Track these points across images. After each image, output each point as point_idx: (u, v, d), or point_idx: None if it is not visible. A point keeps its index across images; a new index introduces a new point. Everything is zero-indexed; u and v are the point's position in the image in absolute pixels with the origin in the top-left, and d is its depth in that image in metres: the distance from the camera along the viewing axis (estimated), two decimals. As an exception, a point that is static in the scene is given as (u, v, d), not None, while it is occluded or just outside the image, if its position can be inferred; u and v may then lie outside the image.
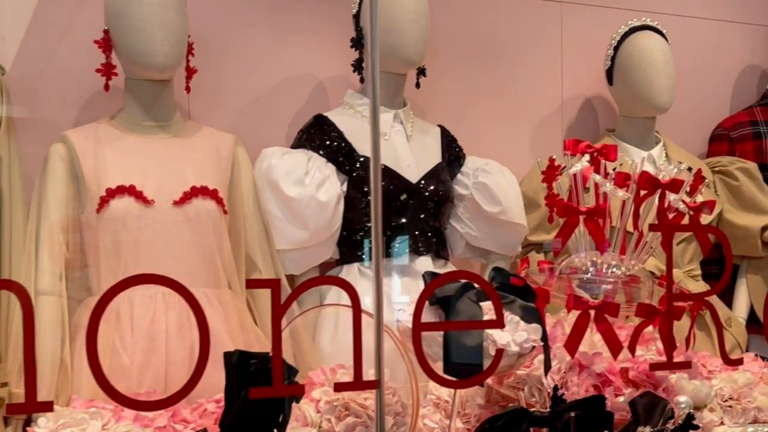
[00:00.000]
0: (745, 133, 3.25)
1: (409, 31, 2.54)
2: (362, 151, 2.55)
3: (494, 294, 1.42)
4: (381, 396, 1.20)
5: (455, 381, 1.42)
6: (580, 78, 3.20)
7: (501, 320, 1.42)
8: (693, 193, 2.19)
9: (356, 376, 1.22)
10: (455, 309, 1.88)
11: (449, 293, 1.89)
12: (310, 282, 1.32)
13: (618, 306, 2.00)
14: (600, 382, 2.04)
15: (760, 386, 2.52)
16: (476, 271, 2.81)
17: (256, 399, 1.63)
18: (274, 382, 1.20)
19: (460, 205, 2.74)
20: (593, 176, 2.04)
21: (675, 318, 2.10)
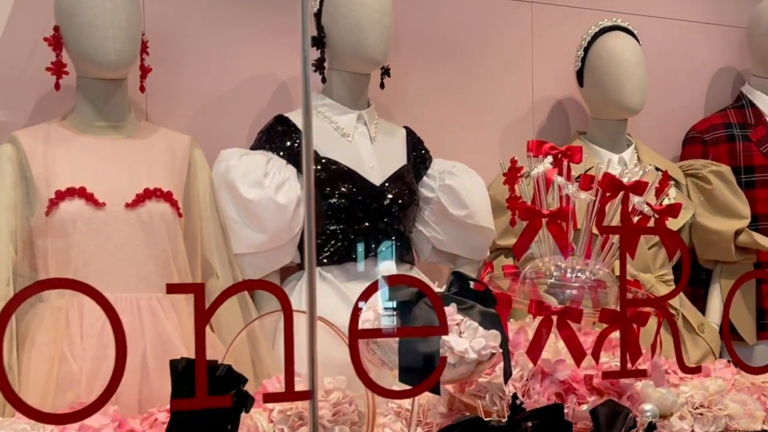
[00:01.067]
0: (718, 136, 3.20)
1: (371, 30, 2.48)
2: (324, 152, 2.49)
3: (437, 300, 1.35)
4: (314, 408, 1.13)
5: (390, 390, 1.34)
6: (551, 79, 3.15)
7: (445, 327, 1.35)
8: (659, 196, 2.13)
9: (287, 386, 1.16)
10: (411, 315, 1.83)
11: (405, 298, 1.83)
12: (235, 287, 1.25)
13: (581, 312, 1.94)
14: (563, 389, 1.98)
15: (732, 393, 2.47)
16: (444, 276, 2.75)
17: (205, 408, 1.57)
18: (198, 393, 1.12)
19: (426, 208, 2.68)
20: (555, 178, 1.98)
21: (640, 324, 2.05)
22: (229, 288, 1.19)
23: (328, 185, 2.46)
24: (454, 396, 2.09)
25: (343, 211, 2.45)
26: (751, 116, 3.22)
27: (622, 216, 1.98)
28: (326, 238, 2.47)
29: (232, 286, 1.22)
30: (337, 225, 2.46)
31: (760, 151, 3.15)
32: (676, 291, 1.80)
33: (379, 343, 1.83)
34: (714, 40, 3.47)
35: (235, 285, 1.24)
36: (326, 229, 2.47)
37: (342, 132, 2.55)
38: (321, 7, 2.55)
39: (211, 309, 1.13)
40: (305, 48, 1.20)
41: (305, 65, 1.23)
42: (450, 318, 1.85)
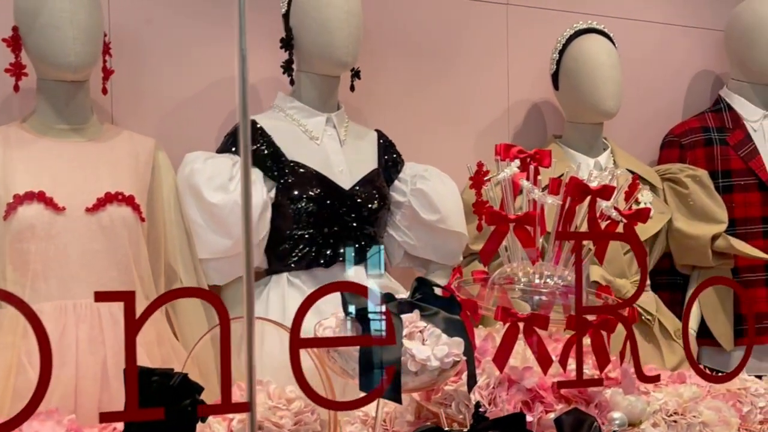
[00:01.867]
0: (696, 140, 3.16)
1: (339, 31, 2.44)
2: (292, 156, 2.45)
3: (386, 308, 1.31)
4: (253, 420, 1.09)
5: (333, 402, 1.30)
6: (527, 82, 3.11)
7: (392, 337, 1.30)
8: (629, 200, 2.10)
9: (224, 398, 1.11)
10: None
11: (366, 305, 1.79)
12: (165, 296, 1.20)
13: (547, 318, 1.90)
14: (530, 397, 1.94)
15: (707, 400, 2.44)
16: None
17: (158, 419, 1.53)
18: (128, 405, 1.08)
19: (398, 212, 2.64)
20: (521, 182, 1.94)
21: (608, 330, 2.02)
22: (160, 297, 1.15)
23: (295, 189, 2.42)
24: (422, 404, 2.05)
25: (311, 216, 2.41)
26: (728, 120, 3.19)
27: (589, 221, 1.95)
28: (294, 243, 2.43)
29: (162, 295, 1.18)
30: (305, 229, 2.42)
31: (737, 155, 3.12)
32: (632, 299, 1.75)
33: (340, 351, 1.79)
34: (692, 43, 3.44)
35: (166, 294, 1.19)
36: (294, 233, 2.43)
37: (311, 135, 2.51)
38: (289, 9, 2.51)
39: (141, 319, 1.08)
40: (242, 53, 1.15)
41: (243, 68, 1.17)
42: (413, 325, 1.82)
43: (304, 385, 1.18)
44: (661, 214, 2.94)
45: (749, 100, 3.21)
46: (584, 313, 1.61)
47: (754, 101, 3.21)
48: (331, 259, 2.43)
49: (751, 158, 3.11)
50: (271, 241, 2.44)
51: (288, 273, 2.43)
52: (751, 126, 3.18)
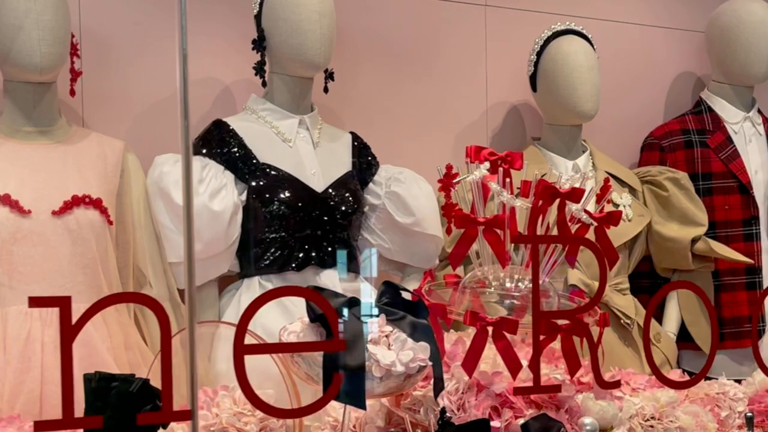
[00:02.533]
0: (676, 142, 3.14)
1: (311, 32, 2.41)
2: (263, 158, 2.42)
3: (330, 311, 1.28)
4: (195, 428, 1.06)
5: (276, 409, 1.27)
6: (506, 83, 3.08)
7: (339, 341, 1.28)
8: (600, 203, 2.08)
9: (165, 406, 1.08)
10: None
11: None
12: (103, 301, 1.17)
13: (516, 322, 1.88)
14: (499, 403, 1.92)
15: (684, 405, 2.42)
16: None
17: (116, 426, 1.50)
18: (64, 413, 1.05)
19: (372, 215, 2.61)
20: (490, 185, 1.92)
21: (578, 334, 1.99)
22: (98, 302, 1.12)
23: (267, 192, 2.39)
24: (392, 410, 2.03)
25: (283, 219, 2.39)
26: (709, 122, 3.17)
27: (558, 224, 1.93)
28: (266, 246, 2.40)
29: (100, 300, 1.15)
30: (277, 232, 2.39)
31: (718, 157, 3.09)
32: (591, 304, 1.73)
33: (304, 356, 1.77)
34: (674, 45, 3.42)
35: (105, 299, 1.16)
36: (266, 236, 2.40)
37: (283, 137, 2.49)
38: (261, 10, 2.49)
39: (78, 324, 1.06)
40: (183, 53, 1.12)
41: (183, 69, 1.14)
42: (378, 329, 1.79)
43: (248, 392, 1.15)
44: (640, 216, 2.92)
45: (730, 102, 3.19)
46: (541, 317, 1.58)
47: (735, 103, 3.19)
48: (303, 262, 2.40)
49: (732, 160, 3.09)
50: (243, 244, 2.41)
51: (260, 276, 2.40)
52: (732, 128, 3.16)
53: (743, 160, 3.10)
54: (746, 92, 3.20)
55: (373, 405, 2.07)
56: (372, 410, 2.07)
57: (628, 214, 2.88)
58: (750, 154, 3.14)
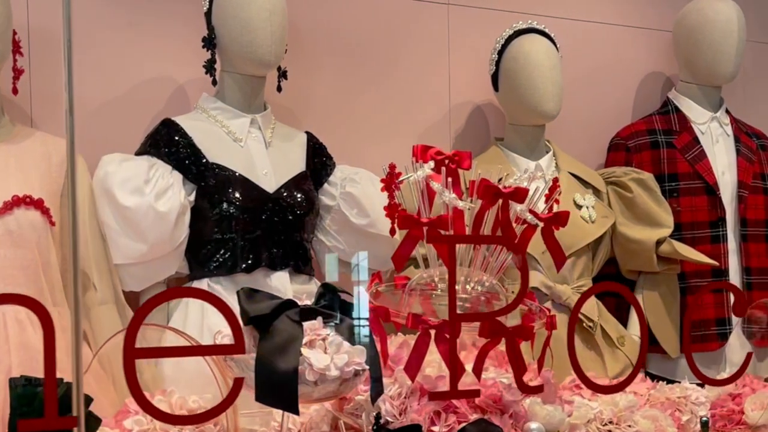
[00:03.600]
0: (642, 143, 3.10)
1: (261, 30, 2.37)
2: (213, 158, 2.38)
3: (230, 315, 1.24)
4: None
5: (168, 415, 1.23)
6: (469, 83, 3.03)
7: (241, 345, 1.24)
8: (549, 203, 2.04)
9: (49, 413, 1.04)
10: (272, 329, 1.72)
11: (264, 312, 1.73)
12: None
13: (459, 325, 1.83)
14: (442, 407, 1.88)
15: (644, 409, 2.39)
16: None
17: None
18: None
19: (327, 216, 2.57)
20: (432, 185, 1.87)
21: (523, 338, 1.96)
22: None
23: (217, 192, 2.35)
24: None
25: (232, 220, 2.34)
26: (676, 122, 3.13)
27: (501, 224, 1.89)
28: (215, 248, 2.36)
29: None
30: (226, 234, 2.35)
31: (684, 158, 3.05)
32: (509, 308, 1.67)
33: (236, 360, 1.73)
34: (642, 45, 3.38)
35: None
36: (215, 238, 2.36)
37: (234, 137, 2.45)
38: (211, 7, 2.45)
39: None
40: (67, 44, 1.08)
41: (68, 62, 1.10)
42: (314, 332, 1.75)
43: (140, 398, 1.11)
44: (604, 218, 2.88)
45: (697, 102, 3.15)
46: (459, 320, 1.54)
47: (702, 103, 3.15)
48: (253, 264, 2.36)
49: (698, 161, 3.05)
50: (193, 245, 2.37)
51: (209, 279, 2.35)
52: (699, 128, 3.12)
53: (710, 160, 3.06)
54: (714, 92, 3.16)
55: (318, 410, 2.03)
56: (318, 415, 2.03)
57: (591, 216, 2.84)
58: (717, 154, 3.10)
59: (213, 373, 1.75)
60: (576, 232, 2.79)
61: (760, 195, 3.11)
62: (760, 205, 3.10)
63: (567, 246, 2.78)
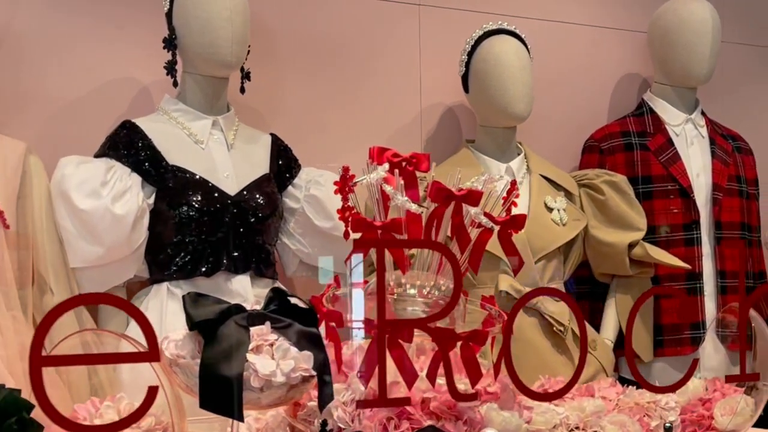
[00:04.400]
0: (615, 145, 3.07)
1: (222, 30, 2.34)
2: (173, 160, 2.35)
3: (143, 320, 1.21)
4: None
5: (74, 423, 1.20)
6: (441, 85, 3.00)
7: (155, 352, 1.21)
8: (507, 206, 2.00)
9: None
10: (217, 335, 1.69)
11: (209, 317, 1.70)
12: None
13: (412, 330, 1.80)
14: (396, 414, 1.84)
15: (612, 414, 2.36)
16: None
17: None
18: None
19: (291, 219, 2.54)
20: (384, 188, 1.85)
21: (477, 343, 1.92)
22: None
23: (176, 195, 2.32)
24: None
25: (192, 222, 2.32)
26: (650, 124, 3.10)
27: (454, 227, 1.86)
28: (175, 251, 2.33)
29: None
30: (186, 237, 2.32)
31: (658, 160, 3.02)
32: (443, 312, 1.64)
33: (181, 366, 1.70)
34: (618, 46, 3.35)
35: None
36: (175, 241, 2.33)
37: (195, 139, 2.42)
38: (171, 7, 2.42)
39: None
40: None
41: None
42: (261, 338, 1.72)
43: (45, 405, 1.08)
44: (576, 221, 2.85)
45: (672, 104, 3.12)
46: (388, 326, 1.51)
47: (677, 105, 3.12)
48: (213, 267, 2.33)
49: (672, 164, 3.02)
50: (153, 248, 2.35)
51: (169, 282, 2.33)
52: (673, 130, 3.09)
53: (684, 163, 3.03)
54: (689, 94, 3.13)
55: (275, 415, 2.00)
56: (274, 421, 2.00)
57: (562, 219, 2.80)
58: (692, 156, 3.07)
59: (159, 379, 1.72)
60: (546, 235, 2.77)
61: (736, 198, 3.08)
62: (735, 208, 3.07)
63: (537, 249, 2.76)
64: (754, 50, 3.61)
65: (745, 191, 3.12)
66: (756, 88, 3.61)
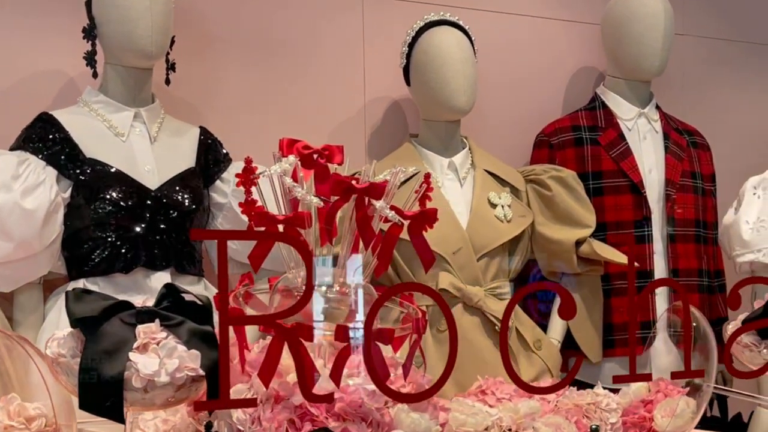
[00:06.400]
0: (565, 140, 2.99)
1: (142, 20, 2.28)
2: (91, 153, 2.28)
3: None
4: None
5: None
6: (386, 77, 2.92)
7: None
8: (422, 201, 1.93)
9: None
10: (99, 332, 1.63)
11: (91, 313, 1.63)
12: None
13: (311, 328, 1.74)
14: (298, 415, 1.77)
15: (546, 416, 2.29)
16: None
17: None
18: None
19: (219, 215, 2.47)
20: (284, 180, 1.78)
21: (383, 341, 1.85)
22: None
23: (93, 188, 2.25)
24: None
25: (109, 217, 2.25)
26: (602, 118, 3.01)
27: (357, 221, 1.79)
28: (92, 247, 2.26)
29: None
30: (103, 232, 2.26)
31: (609, 155, 2.94)
32: (297, 306, 1.56)
33: (61, 365, 1.64)
34: (573, 39, 3.28)
35: None
36: (92, 236, 2.26)
37: (116, 131, 2.35)
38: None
39: None
40: None
41: None
42: (149, 336, 1.65)
43: None
44: (521, 217, 2.77)
45: (624, 98, 3.04)
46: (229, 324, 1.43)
47: (630, 99, 3.04)
48: (131, 263, 2.26)
49: (623, 159, 2.94)
50: (71, 244, 2.28)
51: (86, 279, 2.26)
52: (625, 125, 3.01)
53: (635, 158, 2.95)
54: (642, 87, 3.04)
55: (183, 417, 1.94)
56: (182, 423, 1.94)
57: (506, 215, 2.73)
58: (644, 152, 2.99)
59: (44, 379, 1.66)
60: (489, 232, 2.69)
61: (690, 194, 3.00)
62: (690, 205, 2.99)
63: (479, 246, 2.68)
64: (717, 44, 3.53)
65: (700, 187, 3.04)
66: (718, 83, 3.53)
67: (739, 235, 2.83)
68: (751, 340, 2.26)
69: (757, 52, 3.60)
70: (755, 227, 2.81)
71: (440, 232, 2.65)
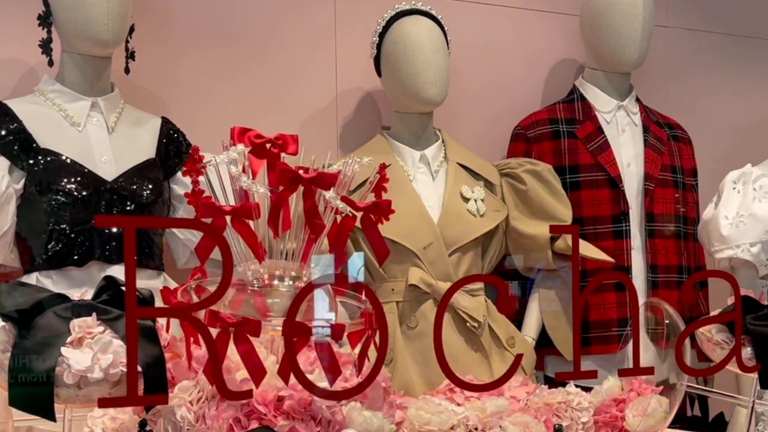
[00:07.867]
0: (542, 132, 2.92)
1: (96, 6, 2.22)
2: (45, 143, 2.23)
3: None
4: None
5: None
6: (358, 68, 2.86)
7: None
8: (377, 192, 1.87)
9: None
10: (30, 326, 1.57)
11: (24, 306, 1.57)
12: None
13: (259, 323, 1.68)
14: (244, 414, 1.72)
15: (514, 415, 2.24)
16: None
17: None
18: None
19: (180, 207, 2.41)
20: (230, 169, 1.72)
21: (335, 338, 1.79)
22: None
23: (46, 179, 2.19)
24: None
25: (63, 209, 2.19)
26: (579, 111, 2.94)
27: (305, 212, 1.73)
28: (45, 239, 2.20)
29: None
30: (57, 224, 2.20)
31: (586, 149, 2.87)
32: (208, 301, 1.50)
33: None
34: (554, 30, 3.21)
35: None
36: (46, 228, 2.20)
37: (72, 121, 2.29)
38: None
39: None
40: None
41: None
42: (84, 329, 1.60)
43: None
44: (495, 212, 2.70)
45: (603, 90, 2.97)
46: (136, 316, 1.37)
47: (608, 91, 2.97)
48: (85, 256, 2.21)
49: (601, 152, 2.87)
50: (23, 237, 2.22)
51: (39, 272, 2.20)
52: (604, 117, 2.94)
53: (614, 151, 2.88)
54: (621, 79, 2.97)
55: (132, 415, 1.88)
56: (132, 421, 1.87)
57: (479, 209, 2.66)
58: (622, 145, 2.92)
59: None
60: (461, 227, 2.63)
61: (670, 188, 2.93)
62: (669, 199, 2.92)
63: (451, 241, 2.61)
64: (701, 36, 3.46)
65: (680, 182, 2.97)
66: (702, 76, 3.46)
67: (717, 231, 2.77)
68: (723, 338, 2.20)
69: (740, 45, 3.53)
70: (734, 222, 2.75)
71: (411, 226, 2.61)
